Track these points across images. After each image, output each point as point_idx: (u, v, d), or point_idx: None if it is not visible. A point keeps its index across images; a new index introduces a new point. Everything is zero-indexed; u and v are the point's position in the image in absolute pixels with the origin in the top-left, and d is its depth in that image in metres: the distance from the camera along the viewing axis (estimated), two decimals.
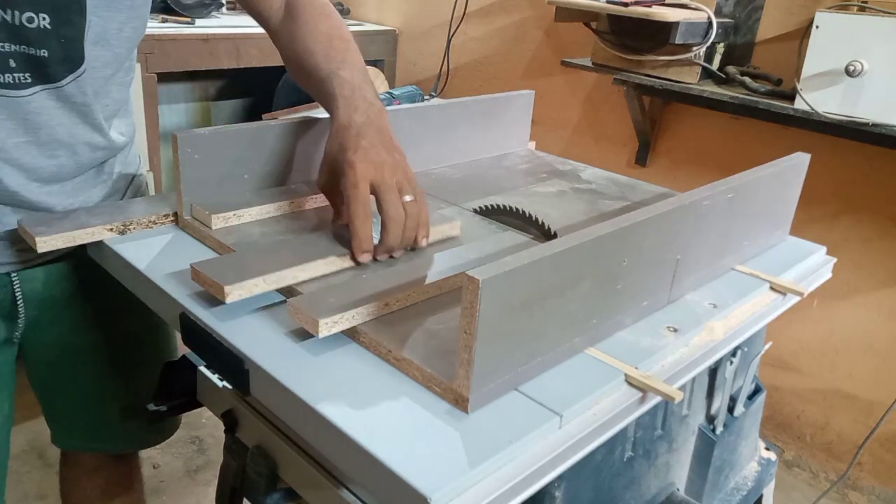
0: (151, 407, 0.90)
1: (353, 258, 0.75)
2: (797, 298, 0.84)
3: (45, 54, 0.76)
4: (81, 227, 0.79)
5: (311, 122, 0.94)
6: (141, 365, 1.04)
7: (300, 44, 0.90)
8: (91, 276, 0.92)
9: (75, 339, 0.99)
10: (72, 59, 0.79)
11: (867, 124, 1.44)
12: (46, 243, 0.77)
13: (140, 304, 0.78)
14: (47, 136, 0.81)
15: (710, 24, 1.63)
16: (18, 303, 0.91)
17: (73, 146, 0.84)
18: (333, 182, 0.79)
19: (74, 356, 1.01)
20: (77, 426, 1.08)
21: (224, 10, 2.59)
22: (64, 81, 0.79)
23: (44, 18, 0.74)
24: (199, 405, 0.93)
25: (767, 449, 1.09)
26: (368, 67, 0.86)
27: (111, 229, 0.82)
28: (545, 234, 0.86)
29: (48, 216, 0.83)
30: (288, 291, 0.72)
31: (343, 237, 0.77)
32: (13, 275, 0.89)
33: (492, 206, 0.94)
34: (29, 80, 0.77)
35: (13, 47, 0.74)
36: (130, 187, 0.99)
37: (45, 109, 0.80)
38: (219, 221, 0.83)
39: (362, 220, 0.73)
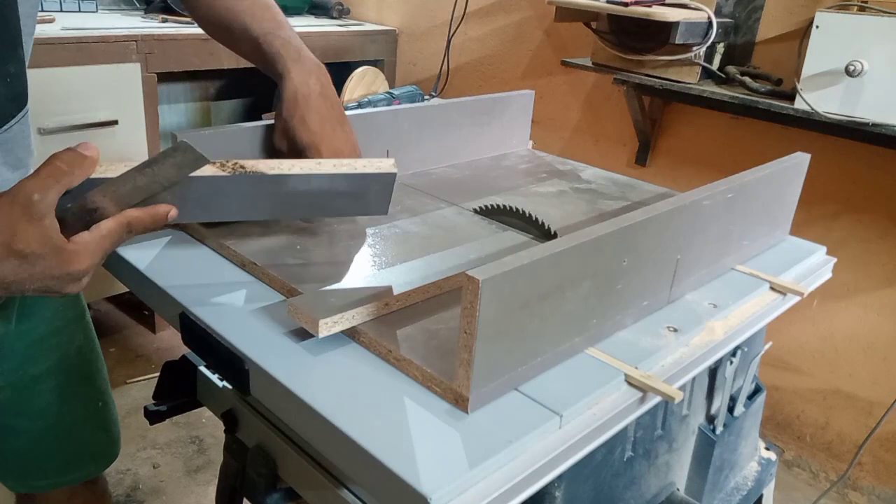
0: (151, 407, 0.90)
1: None
2: (797, 298, 0.84)
3: None
4: None
5: None
6: (91, 375, 1.00)
7: (220, 3, 0.89)
8: (25, 300, 0.88)
9: (30, 369, 0.91)
10: (14, 102, 0.70)
11: (867, 124, 1.44)
12: None
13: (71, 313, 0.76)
14: None
15: (710, 24, 1.63)
16: None
17: None
18: (293, 148, 0.83)
19: (31, 387, 0.92)
20: (43, 461, 0.98)
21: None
22: (8, 126, 0.71)
23: None
24: (199, 405, 0.93)
25: (767, 449, 1.09)
26: (368, 67, 0.86)
27: None
28: (545, 234, 0.86)
29: None
30: (288, 291, 0.72)
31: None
32: None
33: (492, 206, 0.94)
34: None
35: None
36: None
37: None
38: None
39: None
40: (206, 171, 0.64)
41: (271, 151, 0.88)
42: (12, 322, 0.88)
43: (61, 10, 2.14)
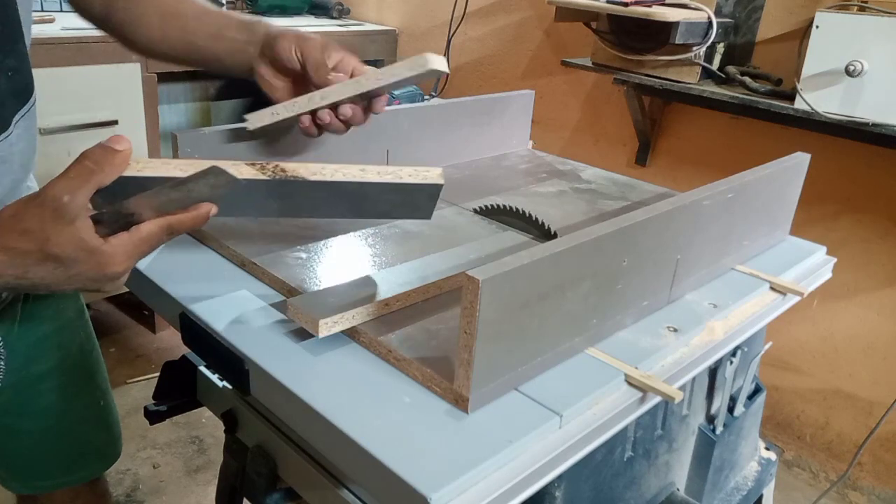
0: (151, 407, 0.90)
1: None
2: (797, 298, 0.84)
3: None
4: None
5: None
6: (92, 374, 1.00)
7: (169, 30, 0.87)
8: (30, 303, 0.88)
9: (33, 368, 0.91)
10: (17, 96, 0.69)
11: (867, 124, 1.44)
12: None
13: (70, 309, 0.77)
14: None
15: (710, 24, 1.63)
16: None
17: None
18: (293, 74, 0.82)
19: (33, 387, 0.92)
20: (47, 462, 0.97)
21: (224, 10, 2.58)
22: (16, 119, 0.71)
23: None
24: (199, 405, 0.93)
25: (767, 449, 1.09)
26: (368, 67, 0.85)
27: None
28: (545, 234, 0.86)
29: None
30: (288, 291, 0.72)
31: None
32: None
33: (492, 206, 0.94)
34: None
35: None
36: None
37: None
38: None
39: None
40: (245, 173, 0.63)
41: (266, 99, 0.86)
42: (16, 322, 0.88)
43: (61, 10, 2.14)
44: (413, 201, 0.74)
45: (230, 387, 0.85)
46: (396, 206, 0.75)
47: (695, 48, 1.66)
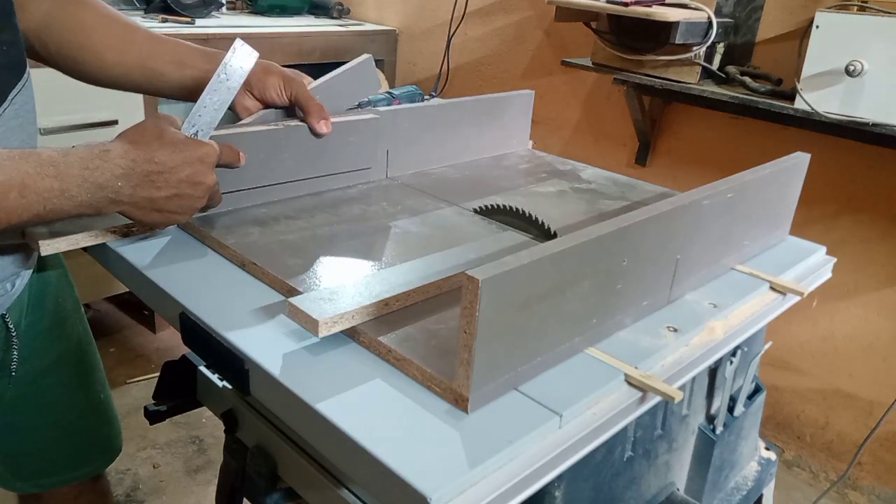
0: (151, 407, 0.90)
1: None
2: (797, 298, 0.84)
3: None
4: (85, 230, 0.79)
5: None
6: (92, 367, 1.01)
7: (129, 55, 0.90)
8: (34, 294, 0.90)
9: (36, 363, 0.92)
10: (13, 70, 0.73)
11: (867, 124, 1.44)
12: (50, 247, 0.77)
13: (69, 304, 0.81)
14: None
15: (710, 23, 1.63)
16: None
17: None
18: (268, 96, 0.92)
19: (38, 381, 0.93)
20: (52, 458, 0.98)
21: (224, 9, 2.59)
22: (7, 100, 0.73)
23: None
24: (199, 405, 0.93)
25: (767, 449, 1.09)
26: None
27: (114, 232, 0.82)
28: (545, 234, 0.86)
29: None
30: (288, 291, 0.72)
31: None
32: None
33: (492, 206, 0.94)
34: None
35: None
36: None
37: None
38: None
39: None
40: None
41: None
42: (23, 314, 0.89)
43: None
44: (354, 84, 1.00)
45: (230, 387, 0.85)
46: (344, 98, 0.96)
47: (695, 48, 1.66)
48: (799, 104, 1.50)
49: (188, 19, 2.25)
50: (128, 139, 0.67)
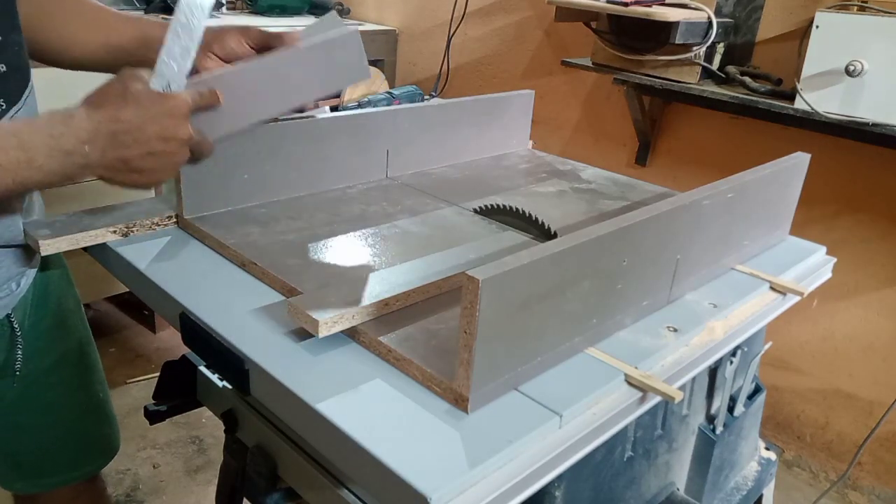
0: (151, 407, 0.90)
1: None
2: (797, 298, 0.84)
3: (3, 69, 0.70)
4: (85, 231, 0.79)
5: (310, 123, 0.94)
6: (92, 366, 1.01)
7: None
8: (37, 294, 0.90)
9: (39, 362, 0.91)
10: (24, 71, 0.73)
11: (867, 124, 1.44)
12: (50, 246, 0.77)
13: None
14: None
15: (710, 23, 1.63)
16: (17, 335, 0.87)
17: None
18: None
19: (40, 381, 0.93)
20: (54, 457, 0.98)
21: (224, 9, 2.59)
22: (21, 100, 0.73)
23: None
24: (199, 405, 0.93)
25: (767, 449, 1.09)
26: (368, 67, 0.86)
27: (114, 232, 0.82)
28: (545, 234, 0.86)
29: (50, 220, 0.82)
30: (288, 291, 0.72)
31: None
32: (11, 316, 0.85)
33: (492, 206, 0.94)
34: (3, 105, 0.70)
35: None
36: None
37: None
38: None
39: None
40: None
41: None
42: (27, 314, 0.89)
43: None
44: (340, 61, 0.88)
45: (230, 387, 0.85)
46: (330, 73, 0.87)
47: (695, 48, 1.66)
48: (799, 104, 1.50)
49: None
50: (91, 101, 0.66)
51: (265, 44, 0.85)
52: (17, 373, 0.89)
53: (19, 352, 0.87)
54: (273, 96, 0.83)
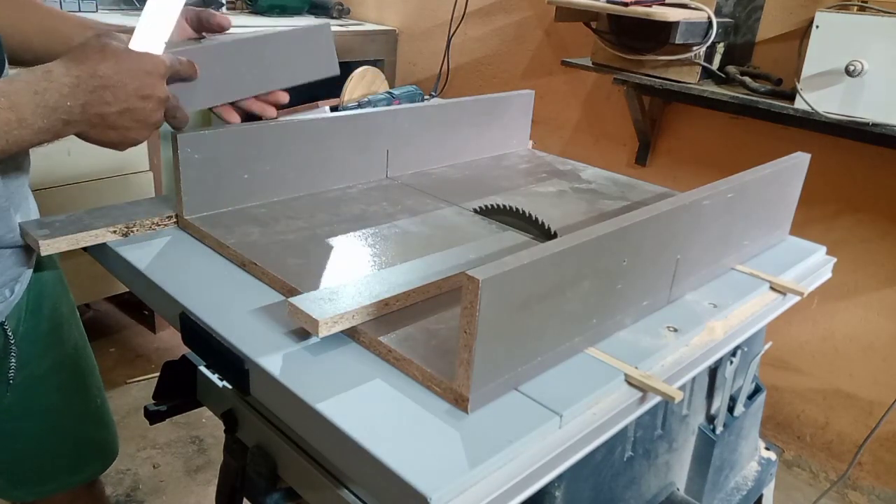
0: (151, 407, 0.90)
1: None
2: (797, 298, 0.84)
3: None
4: (85, 230, 0.79)
5: (310, 123, 0.94)
6: (88, 371, 1.00)
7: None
8: (31, 300, 0.89)
9: (34, 368, 0.91)
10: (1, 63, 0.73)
11: (867, 124, 1.44)
12: (50, 247, 0.77)
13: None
14: None
15: (710, 23, 1.63)
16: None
17: None
18: None
19: (35, 387, 0.92)
20: (51, 463, 0.98)
21: (224, 10, 2.59)
22: None
23: None
24: (199, 405, 0.93)
25: (767, 449, 1.09)
26: (368, 67, 0.86)
27: (114, 232, 0.82)
28: (545, 234, 0.86)
29: (49, 220, 0.82)
30: (288, 291, 0.72)
31: None
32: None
33: (492, 206, 0.94)
34: None
35: None
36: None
37: None
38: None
39: None
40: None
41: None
42: (21, 320, 0.88)
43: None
44: (310, 52, 0.92)
45: (230, 387, 0.85)
46: (300, 61, 0.92)
47: (695, 48, 1.66)
48: (799, 104, 1.50)
49: None
50: (69, 57, 0.67)
51: (197, 18, 0.87)
52: (11, 381, 0.88)
53: (13, 360, 0.87)
54: (245, 76, 0.87)
